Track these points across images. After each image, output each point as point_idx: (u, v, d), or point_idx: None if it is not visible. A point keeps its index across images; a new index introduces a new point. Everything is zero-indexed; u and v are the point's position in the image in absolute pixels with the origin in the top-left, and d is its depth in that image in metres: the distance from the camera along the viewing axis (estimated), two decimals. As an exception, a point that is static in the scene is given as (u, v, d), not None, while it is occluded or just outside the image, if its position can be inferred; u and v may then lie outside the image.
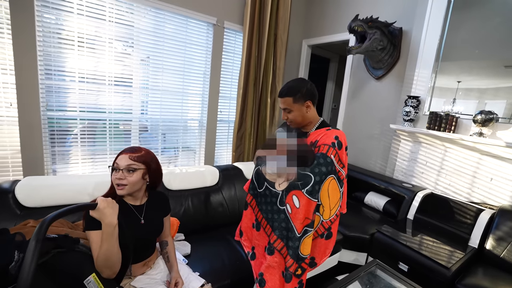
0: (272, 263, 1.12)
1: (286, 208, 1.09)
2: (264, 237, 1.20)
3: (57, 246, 0.86)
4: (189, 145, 2.93)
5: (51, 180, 1.47)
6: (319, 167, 1.06)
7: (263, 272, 1.13)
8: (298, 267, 1.08)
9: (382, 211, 2.28)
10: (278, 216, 1.12)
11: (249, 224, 1.29)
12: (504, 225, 1.68)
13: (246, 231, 1.32)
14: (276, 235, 1.12)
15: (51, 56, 1.98)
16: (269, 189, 1.17)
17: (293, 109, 1.18)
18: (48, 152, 2.10)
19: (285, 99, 1.18)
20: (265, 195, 1.19)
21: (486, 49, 1.99)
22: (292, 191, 1.07)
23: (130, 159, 1.03)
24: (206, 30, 2.72)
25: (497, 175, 1.90)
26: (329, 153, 1.09)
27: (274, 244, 1.12)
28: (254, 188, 1.26)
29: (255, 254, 1.24)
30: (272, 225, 1.15)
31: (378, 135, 2.73)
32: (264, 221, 1.20)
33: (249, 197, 1.29)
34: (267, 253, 1.14)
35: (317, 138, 1.17)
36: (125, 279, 1.08)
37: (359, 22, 2.25)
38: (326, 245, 1.20)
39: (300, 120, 1.22)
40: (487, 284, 1.43)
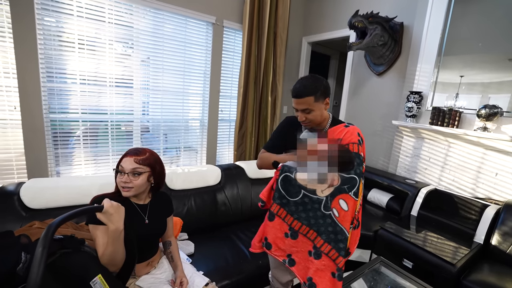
0: (321, 266, 1.10)
1: (332, 213, 1.07)
2: (305, 243, 1.15)
3: (63, 246, 0.87)
4: (190, 145, 2.93)
5: (56, 181, 1.48)
6: (359, 167, 1.06)
7: (312, 276, 1.11)
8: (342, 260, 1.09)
9: (385, 208, 2.27)
10: (324, 221, 1.09)
11: (279, 235, 1.19)
12: (510, 221, 1.66)
13: (276, 242, 1.21)
14: (323, 239, 1.09)
15: (52, 59, 1.99)
16: (308, 197, 1.10)
17: (314, 108, 1.13)
18: (51, 154, 2.12)
19: (305, 99, 1.11)
20: (304, 203, 1.12)
21: (489, 42, 1.96)
22: (339, 196, 1.05)
23: (135, 162, 1.03)
24: (206, 29, 2.71)
25: (502, 170, 1.88)
26: (360, 151, 1.09)
27: (321, 248, 1.10)
28: (282, 197, 1.16)
29: (295, 260, 1.18)
30: (317, 230, 1.11)
31: (381, 131, 2.71)
32: (305, 228, 1.14)
33: (275, 207, 1.17)
34: (314, 257, 1.11)
35: (339, 136, 1.14)
36: (129, 279, 1.09)
37: (359, 18, 2.23)
38: (357, 234, 1.20)
39: (319, 119, 1.17)
40: (494, 280, 1.41)
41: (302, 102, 1.12)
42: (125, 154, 1.06)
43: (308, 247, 1.13)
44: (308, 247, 1.13)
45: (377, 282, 1.44)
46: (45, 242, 0.66)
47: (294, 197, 1.12)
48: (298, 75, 3.56)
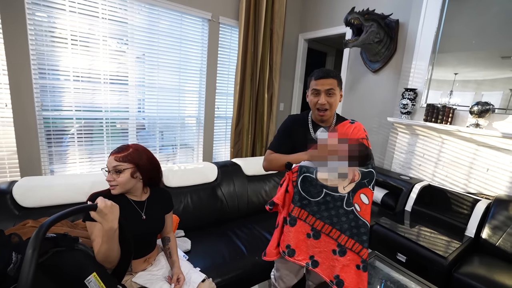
0: (346, 262, 1.11)
1: (354, 208, 1.09)
2: (328, 242, 1.14)
3: (56, 245, 0.86)
4: (187, 142, 2.92)
5: (49, 180, 1.47)
6: (372, 161, 1.10)
7: (339, 274, 1.11)
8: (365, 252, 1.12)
9: (380, 203, 2.30)
10: (347, 218, 1.10)
11: (301, 238, 1.16)
12: (500, 215, 1.70)
13: (298, 246, 1.17)
14: (347, 235, 1.10)
15: (44, 55, 1.96)
16: (330, 195, 1.10)
17: (336, 92, 1.16)
18: (45, 153, 2.09)
19: (331, 80, 1.14)
20: (326, 202, 1.11)
21: (483, 39, 1.99)
22: (360, 190, 1.08)
23: (115, 160, 1.03)
24: (201, 25, 2.69)
25: (493, 165, 1.92)
26: (369, 146, 1.13)
27: (346, 245, 1.11)
28: (303, 198, 1.13)
29: (318, 261, 1.16)
30: (340, 228, 1.11)
31: (376, 128, 2.74)
32: (328, 227, 1.13)
33: (296, 210, 1.12)
34: (339, 255, 1.11)
35: (347, 131, 1.17)
36: (126, 275, 1.09)
37: (355, 15, 2.23)
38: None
39: (335, 107, 1.20)
40: (483, 272, 1.45)
41: (329, 82, 1.14)
42: (111, 153, 1.07)
43: (332, 246, 1.12)
44: (331, 246, 1.12)
45: (371, 276, 1.46)
46: (35, 244, 0.65)
47: (316, 197, 1.10)
48: (295, 72, 3.56)
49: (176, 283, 1.09)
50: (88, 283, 0.84)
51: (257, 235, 1.76)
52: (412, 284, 1.35)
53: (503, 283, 1.37)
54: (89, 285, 0.84)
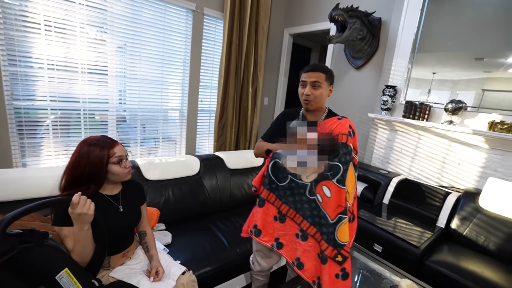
0: (307, 248, 1.16)
1: (316, 198, 1.12)
2: (292, 226, 1.20)
3: (23, 241, 0.81)
4: (169, 136, 2.87)
5: (20, 173, 1.40)
6: (345, 156, 1.09)
7: (300, 256, 1.17)
8: (337, 253, 1.10)
9: (360, 196, 2.38)
10: (309, 206, 1.14)
11: (268, 219, 1.25)
12: (468, 206, 1.81)
13: (264, 227, 1.26)
14: (309, 222, 1.15)
15: (15, 40, 1.84)
16: (295, 182, 1.16)
17: (323, 85, 1.19)
18: (16, 145, 1.99)
19: (318, 73, 1.18)
20: (291, 188, 1.18)
21: (459, 41, 2.07)
22: (322, 182, 1.09)
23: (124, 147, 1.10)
24: (185, 16, 2.63)
25: (464, 160, 2.03)
26: (349, 142, 1.12)
27: (307, 231, 1.15)
28: (271, 182, 1.21)
29: (282, 243, 1.23)
30: (303, 213, 1.16)
31: (357, 123, 2.81)
32: (292, 212, 1.19)
33: (265, 192, 1.23)
34: (301, 239, 1.17)
35: (331, 127, 1.18)
36: (103, 271, 1.07)
37: (339, 11, 2.26)
38: (351, 227, 1.24)
39: (322, 102, 1.23)
40: (451, 259, 1.55)
41: (315, 75, 1.18)
42: (115, 142, 1.06)
43: (295, 230, 1.19)
44: (295, 230, 1.19)
45: (349, 266, 1.51)
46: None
47: (282, 182, 1.19)
48: (280, 66, 3.56)
49: (155, 276, 1.08)
50: (59, 279, 0.81)
51: (238, 228, 1.76)
52: (387, 272, 1.42)
53: (467, 269, 1.47)
54: (60, 281, 0.80)
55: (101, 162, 0.99)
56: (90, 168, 0.98)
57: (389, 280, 1.37)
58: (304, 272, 1.16)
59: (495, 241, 1.64)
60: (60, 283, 0.81)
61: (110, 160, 1.02)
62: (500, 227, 1.65)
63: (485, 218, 1.72)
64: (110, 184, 1.09)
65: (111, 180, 1.07)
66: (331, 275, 1.10)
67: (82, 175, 0.99)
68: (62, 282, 0.81)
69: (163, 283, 1.06)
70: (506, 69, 1.85)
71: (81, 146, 1.01)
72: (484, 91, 1.96)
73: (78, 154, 1.00)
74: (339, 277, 1.10)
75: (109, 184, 1.09)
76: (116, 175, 1.04)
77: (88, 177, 0.99)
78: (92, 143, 1.01)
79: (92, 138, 1.03)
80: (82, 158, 0.98)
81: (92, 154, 0.99)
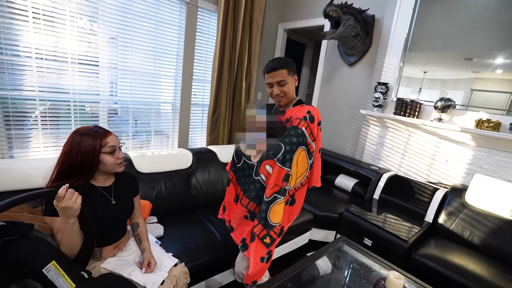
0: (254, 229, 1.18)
1: (260, 178, 1.16)
2: (241, 208, 1.25)
3: (5, 234, 0.78)
4: (162, 129, 2.84)
5: (7, 163, 1.36)
6: (289, 137, 1.11)
7: (245, 237, 1.21)
8: (266, 234, 1.13)
9: (351, 192, 2.42)
10: (254, 186, 1.19)
11: (230, 200, 1.36)
12: (455, 202, 1.87)
13: (228, 206, 1.40)
14: (256, 203, 1.19)
15: (1, 28, 1.78)
16: (246, 163, 1.25)
17: (288, 81, 1.21)
18: (3, 136, 1.93)
19: (279, 72, 1.19)
20: (243, 169, 1.26)
21: (449, 41, 2.11)
22: (265, 161, 1.14)
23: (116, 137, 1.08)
24: (179, 8, 2.58)
25: (452, 157, 2.08)
26: (300, 125, 1.13)
27: (254, 211, 1.20)
28: (234, 164, 1.35)
29: (233, 227, 1.31)
30: (249, 195, 1.21)
31: (349, 120, 2.84)
32: (241, 193, 1.26)
33: (230, 173, 1.38)
34: (250, 219, 1.22)
35: (291, 114, 1.21)
36: (94, 262, 1.06)
37: (333, 7, 2.26)
38: (289, 211, 1.26)
39: (292, 94, 1.26)
40: (437, 253, 1.60)
41: (278, 74, 1.20)
42: (107, 132, 1.03)
43: (244, 212, 1.25)
44: (243, 212, 1.25)
45: (340, 259, 1.55)
46: None
47: (238, 163, 1.30)
48: (274, 62, 3.55)
49: (147, 267, 1.08)
50: (47, 272, 0.79)
51: (231, 221, 1.78)
52: (376, 265, 1.45)
53: (452, 262, 1.52)
54: (48, 274, 0.79)
55: (93, 151, 0.97)
56: (82, 158, 0.96)
57: (377, 273, 1.41)
58: (248, 254, 1.19)
59: (479, 236, 1.70)
60: (48, 276, 0.79)
61: (103, 150, 1.00)
62: (485, 222, 1.71)
63: (470, 213, 1.78)
64: (102, 176, 1.07)
65: (103, 171, 1.05)
66: (256, 257, 1.14)
67: (74, 166, 0.97)
68: (50, 275, 0.79)
69: (155, 274, 1.06)
70: (493, 70, 1.90)
71: (73, 136, 0.99)
72: (473, 90, 2.01)
73: (69, 144, 0.97)
74: (263, 260, 1.15)
75: (102, 176, 1.07)
76: (108, 165, 1.03)
77: (80, 167, 0.97)
78: (84, 133, 0.99)
79: (85, 128, 1.01)
80: (74, 148, 0.96)
81: (84, 143, 0.97)
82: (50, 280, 0.79)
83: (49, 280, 0.79)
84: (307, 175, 1.24)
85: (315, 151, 1.23)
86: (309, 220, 1.96)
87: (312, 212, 2.02)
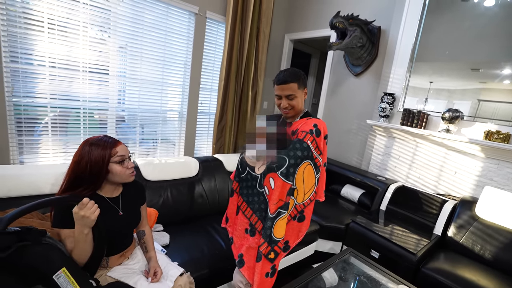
0: (253, 244, 1.16)
1: (264, 190, 1.14)
2: (243, 220, 1.24)
3: (20, 239, 0.79)
4: (168, 137, 2.86)
5: (17, 169, 1.39)
6: (294, 151, 1.10)
7: (243, 253, 1.17)
8: (271, 250, 1.11)
9: (357, 202, 2.39)
10: (258, 198, 1.17)
11: (233, 210, 1.34)
12: (464, 214, 1.83)
13: (230, 217, 1.37)
14: (257, 216, 1.17)
15: (17, 37, 1.84)
16: (250, 174, 1.22)
17: (297, 95, 1.20)
18: (14, 142, 1.97)
19: (290, 85, 1.17)
20: (247, 180, 1.24)
21: (456, 51, 2.11)
22: (269, 174, 1.12)
23: (126, 147, 1.08)
24: (188, 19, 2.65)
25: (460, 168, 2.05)
26: (306, 139, 1.12)
27: (255, 226, 1.17)
28: (238, 174, 1.31)
29: (233, 239, 1.29)
30: (252, 207, 1.19)
31: (356, 130, 2.83)
32: (244, 205, 1.24)
33: (234, 184, 1.34)
34: (250, 234, 1.19)
35: (297, 126, 1.21)
36: (101, 270, 1.06)
37: (340, 19, 2.30)
38: (299, 227, 1.24)
39: (300, 106, 1.25)
40: (447, 267, 1.56)
41: (288, 88, 1.18)
42: (115, 143, 1.04)
43: (245, 225, 1.22)
44: (245, 225, 1.22)
45: (346, 272, 1.51)
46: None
47: (242, 173, 1.27)
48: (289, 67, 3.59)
49: (153, 277, 1.07)
50: (57, 278, 0.79)
51: (237, 231, 1.76)
52: (384, 279, 1.42)
53: (463, 277, 1.48)
54: (58, 281, 0.79)
55: (103, 161, 0.98)
56: (91, 167, 0.97)
57: (385, 286, 1.37)
58: (244, 271, 1.16)
59: (491, 250, 1.65)
60: (58, 282, 0.79)
61: (112, 159, 1.00)
62: (496, 236, 1.67)
63: (481, 227, 1.74)
64: (110, 186, 1.07)
65: (112, 181, 1.05)
66: (262, 274, 1.11)
67: (84, 175, 0.98)
68: (60, 282, 0.80)
69: (161, 284, 1.05)
70: (501, 81, 1.89)
71: (83, 146, 1.00)
72: (480, 101, 2.00)
73: (80, 154, 0.98)
74: (268, 275, 1.13)
75: (110, 186, 1.07)
76: (117, 175, 1.02)
77: (88, 176, 0.98)
78: (94, 143, 1.00)
79: (95, 138, 1.02)
80: (84, 157, 0.97)
81: (93, 152, 0.97)
82: (59, 287, 0.79)
83: (59, 287, 0.79)
84: (315, 190, 1.22)
85: (321, 165, 1.22)
86: (315, 230, 1.94)
87: (318, 222, 1.99)
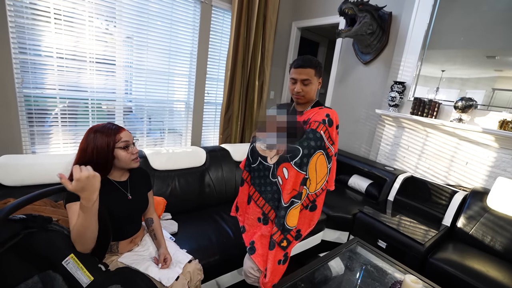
0: (266, 233, 1.18)
1: (277, 180, 1.15)
2: (255, 209, 1.25)
3: (26, 226, 0.82)
4: (175, 127, 2.88)
5: (30, 159, 1.42)
6: (308, 141, 1.10)
7: (255, 241, 1.19)
8: (283, 238, 1.13)
9: (364, 193, 2.37)
10: (271, 188, 1.18)
11: (244, 199, 1.34)
12: (475, 205, 1.80)
13: (241, 206, 1.38)
14: (270, 205, 1.18)
15: (25, 29, 1.85)
16: (262, 163, 1.22)
17: (312, 81, 1.19)
18: (26, 132, 2.01)
19: (307, 70, 1.16)
20: (259, 169, 1.24)
21: (470, 38, 2.03)
22: (283, 164, 1.12)
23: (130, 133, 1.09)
24: (193, 7, 2.61)
25: (472, 159, 2.00)
26: (319, 129, 1.11)
27: (268, 214, 1.19)
28: (249, 164, 1.31)
29: (245, 228, 1.30)
30: (265, 197, 1.20)
31: (364, 119, 2.78)
32: (257, 194, 1.25)
33: (244, 173, 1.35)
34: (263, 223, 1.21)
35: (309, 116, 1.19)
36: (112, 256, 1.09)
37: (349, 5, 2.22)
38: (310, 216, 1.25)
39: (312, 95, 1.24)
40: (456, 257, 1.54)
41: (305, 72, 1.17)
42: (120, 128, 1.05)
43: (258, 214, 1.23)
44: (257, 214, 1.23)
45: (353, 261, 1.52)
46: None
47: (254, 163, 1.27)
48: (287, 60, 3.53)
49: (163, 263, 1.10)
50: (66, 264, 0.82)
51: (244, 220, 1.78)
52: (391, 268, 1.42)
53: (472, 267, 1.47)
54: (67, 266, 0.82)
55: (108, 147, 1.00)
56: (97, 153, 0.99)
57: (392, 276, 1.38)
58: (255, 258, 1.17)
59: (502, 241, 1.63)
60: (67, 268, 0.82)
61: (117, 145, 1.02)
62: (508, 227, 1.64)
63: (492, 218, 1.71)
64: (118, 171, 1.10)
65: (118, 167, 1.08)
66: (275, 261, 1.13)
67: (90, 162, 0.98)
68: (69, 268, 0.82)
69: (170, 270, 1.08)
70: (519, 68, 1.81)
71: (88, 133, 1.02)
72: (495, 90, 1.92)
73: (85, 141, 1.00)
74: (280, 262, 1.14)
75: (118, 171, 1.10)
76: (122, 161, 1.05)
77: (96, 163, 0.99)
78: (99, 130, 1.02)
79: (99, 125, 1.04)
80: (89, 145, 0.99)
81: (98, 139, 0.99)
82: (69, 272, 0.81)
83: (69, 272, 0.81)
84: (326, 180, 1.22)
85: (333, 155, 1.21)
86: (322, 220, 1.94)
87: (325, 212, 1.99)
